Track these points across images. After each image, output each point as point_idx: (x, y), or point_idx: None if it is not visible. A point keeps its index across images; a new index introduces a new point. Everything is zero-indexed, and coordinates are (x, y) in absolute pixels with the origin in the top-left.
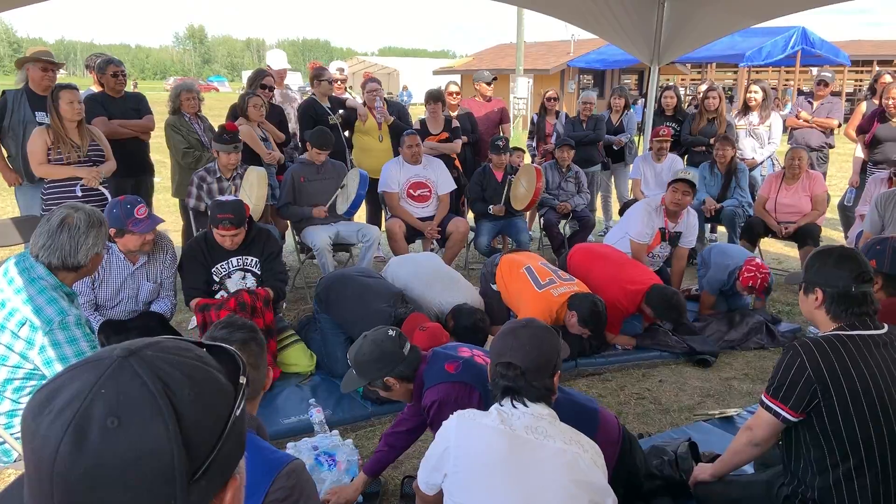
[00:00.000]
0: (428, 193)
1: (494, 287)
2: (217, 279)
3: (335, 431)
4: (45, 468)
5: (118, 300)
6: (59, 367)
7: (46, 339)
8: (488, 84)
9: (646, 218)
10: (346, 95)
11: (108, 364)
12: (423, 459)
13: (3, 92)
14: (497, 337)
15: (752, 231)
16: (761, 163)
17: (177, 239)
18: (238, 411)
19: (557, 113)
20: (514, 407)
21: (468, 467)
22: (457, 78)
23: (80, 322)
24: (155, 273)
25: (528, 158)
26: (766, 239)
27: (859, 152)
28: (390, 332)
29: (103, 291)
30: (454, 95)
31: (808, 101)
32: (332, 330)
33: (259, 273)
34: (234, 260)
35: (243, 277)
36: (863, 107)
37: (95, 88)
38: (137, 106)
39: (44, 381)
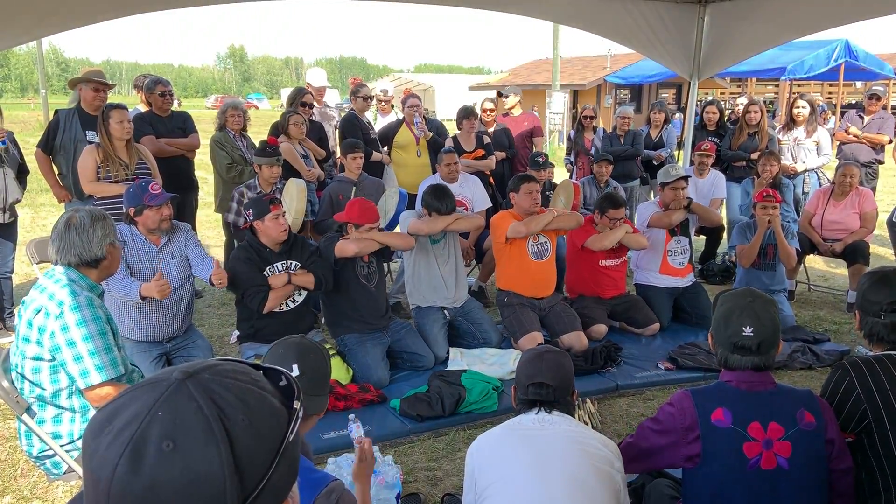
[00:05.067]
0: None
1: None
2: None
3: (375, 447)
4: (102, 488)
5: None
6: (67, 353)
7: (56, 324)
8: (503, 98)
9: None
10: (393, 116)
11: (166, 386)
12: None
13: (56, 111)
14: (523, 363)
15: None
16: (810, 171)
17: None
18: (291, 437)
19: (595, 129)
20: (537, 413)
21: (488, 462)
22: (492, 94)
23: (93, 304)
24: (178, 248)
25: (565, 174)
26: (811, 256)
27: None
28: None
29: (140, 276)
30: (488, 112)
31: (859, 116)
32: (356, 345)
33: None
34: (278, 265)
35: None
36: None
37: (142, 108)
38: (183, 125)
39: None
